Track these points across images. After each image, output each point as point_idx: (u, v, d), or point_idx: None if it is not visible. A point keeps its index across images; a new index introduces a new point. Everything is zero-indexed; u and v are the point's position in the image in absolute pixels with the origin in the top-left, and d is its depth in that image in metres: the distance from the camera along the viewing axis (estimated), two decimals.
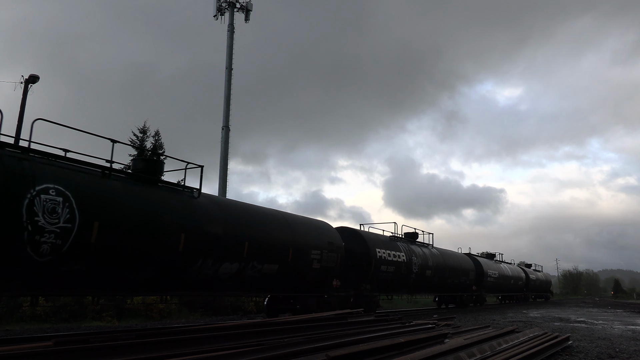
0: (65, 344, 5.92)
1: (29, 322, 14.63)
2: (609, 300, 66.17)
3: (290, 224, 13.67)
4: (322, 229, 15.23)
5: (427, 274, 21.65)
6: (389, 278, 18.55)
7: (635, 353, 9.22)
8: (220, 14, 29.67)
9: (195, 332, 7.77)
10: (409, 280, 20.23)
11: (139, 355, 5.72)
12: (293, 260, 12.99)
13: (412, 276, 20.33)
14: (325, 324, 9.33)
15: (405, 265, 19.63)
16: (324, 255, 14.18)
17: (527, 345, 8.59)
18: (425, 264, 21.49)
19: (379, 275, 17.91)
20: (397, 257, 19.12)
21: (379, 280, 17.99)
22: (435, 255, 23.55)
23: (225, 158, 26.44)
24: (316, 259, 13.87)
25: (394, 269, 18.72)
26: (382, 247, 18.39)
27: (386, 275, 18.34)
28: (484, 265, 30.43)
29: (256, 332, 7.69)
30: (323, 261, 14.12)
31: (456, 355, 6.83)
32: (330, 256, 14.50)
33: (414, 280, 20.61)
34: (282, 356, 5.91)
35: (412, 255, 20.48)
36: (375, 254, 17.65)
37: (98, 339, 6.46)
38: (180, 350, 6.06)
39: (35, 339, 9.25)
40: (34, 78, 19.12)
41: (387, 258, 18.35)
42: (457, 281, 26.03)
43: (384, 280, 18.38)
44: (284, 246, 12.83)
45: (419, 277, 20.94)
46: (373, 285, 17.47)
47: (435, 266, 22.65)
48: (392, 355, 6.69)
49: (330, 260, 14.49)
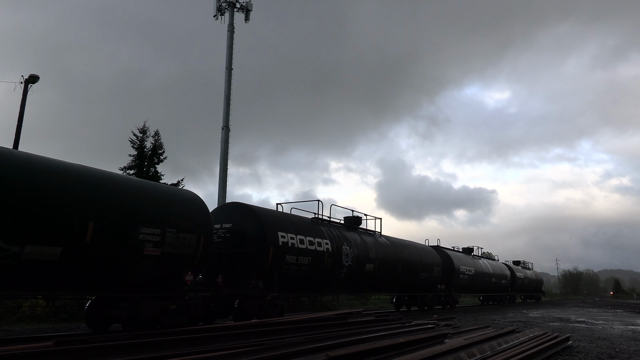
0: (65, 344, 5.92)
1: (29, 322, 14.63)
2: (609, 300, 66.19)
3: (95, 181, 8.98)
4: (172, 197, 10.67)
5: (367, 268, 17.27)
6: (300, 273, 14.18)
7: (636, 353, 9.22)
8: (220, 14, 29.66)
9: (195, 332, 7.77)
10: (337, 277, 15.86)
11: (139, 355, 5.72)
12: (95, 239, 8.49)
13: (343, 271, 15.99)
14: (325, 324, 9.33)
15: (329, 256, 15.22)
16: (168, 236, 9.79)
17: (527, 345, 8.59)
18: (364, 255, 17.08)
19: (283, 268, 13.51)
20: (316, 244, 14.76)
21: (284, 275, 13.62)
22: (383, 245, 18.91)
23: (225, 158, 26.43)
24: (151, 241, 9.47)
25: (309, 261, 14.33)
26: (290, 231, 13.90)
27: (296, 270, 13.96)
28: (455, 260, 25.91)
29: (256, 332, 7.69)
30: (167, 245, 9.76)
31: (456, 355, 6.83)
32: (184, 238, 10.16)
33: (345, 276, 16.19)
34: (282, 356, 5.91)
35: (344, 244, 16.11)
36: (277, 238, 13.27)
37: (98, 339, 6.46)
38: (180, 350, 6.07)
39: (35, 339, 9.26)
40: (33, 78, 19.12)
41: (297, 245, 13.94)
42: (416, 278, 21.32)
43: (293, 276, 13.99)
44: (70, 214, 8.19)
45: (354, 273, 16.51)
46: (269, 283, 13.00)
47: (381, 259, 18.15)
48: (392, 355, 6.69)
49: (184, 245, 10.17)
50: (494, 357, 7.28)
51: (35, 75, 19.17)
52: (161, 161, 26.96)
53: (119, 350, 5.84)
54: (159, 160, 26.83)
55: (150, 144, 26.84)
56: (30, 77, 19.08)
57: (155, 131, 27.37)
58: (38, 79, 19.26)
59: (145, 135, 26.85)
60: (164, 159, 27.08)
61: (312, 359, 5.90)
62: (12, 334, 11.40)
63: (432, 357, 6.53)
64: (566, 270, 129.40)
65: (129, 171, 25.69)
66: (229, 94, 27.29)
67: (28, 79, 19.05)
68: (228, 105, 27.13)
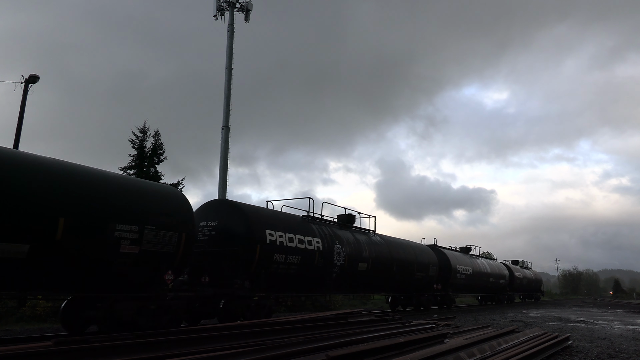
0: (65, 344, 5.92)
1: (29, 322, 14.63)
2: (608, 300, 66.21)
3: (67, 175, 8.46)
4: (152, 192, 10.18)
5: (360, 267, 16.81)
6: (290, 272, 13.60)
7: (635, 353, 9.22)
8: (220, 14, 29.67)
9: (195, 332, 7.78)
10: (328, 276, 15.35)
11: (139, 355, 5.72)
12: (67, 236, 8.00)
13: (335, 270, 15.47)
14: (325, 324, 9.34)
15: (320, 255, 14.69)
16: (146, 234, 9.34)
17: (527, 345, 8.59)
18: (357, 254, 16.62)
19: (271, 267, 12.97)
20: (306, 243, 14.22)
21: (272, 275, 13.08)
22: (377, 244, 18.42)
23: (225, 158, 26.42)
24: (128, 238, 9.01)
25: (299, 260, 13.80)
26: (279, 229, 13.39)
27: (285, 269, 13.41)
28: (452, 260, 25.35)
29: (256, 332, 7.70)
30: (146, 243, 9.35)
31: (456, 355, 6.83)
32: (164, 235, 9.72)
33: (337, 276, 15.67)
34: (282, 356, 5.92)
35: (336, 242, 15.64)
36: (264, 236, 12.76)
37: (98, 339, 6.47)
38: (180, 350, 6.07)
39: (35, 339, 9.26)
40: (34, 78, 19.13)
41: (286, 244, 13.42)
42: (411, 278, 20.84)
43: (281, 276, 13.45)
44: (38, 209, 7.71)
45: (346, 272, 15.97)
46: (256, 282, 12.53)
47: (375, 258, 17.65)
48: (392, 355, 6.69)
49: (164, 242, 9.71)
50: (494, 357, 7.28)
51: (36, 75, 19.18)
52: (161, 161, 26.99)
53: (119, 350, 5.85)
54: (159, 160, 26.86)
55: (151, 144, 26.87)
56: (30, 77, 19.09)
57: (156, 131, 27.41)
58: (38, 79, 19.26)
59: (145, 135, 26.88)
60: (164, 159, 27.12)
61: (312, 359, 5.91)
62: (12, 334, 11.40)
63: (432, 357, 6.53)
64: (566, 270, 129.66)
65: (129, 171, 25.71)
66: (229, 94, 27.29)
67: (28, 79, 19.06)
68: (228, 105, 27.12)
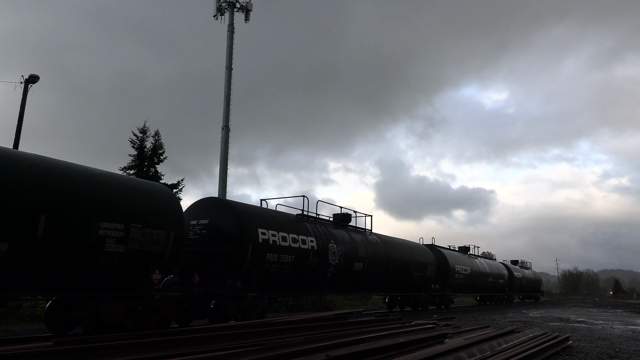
0: (65, 344, 5.92)
1: (29, 322, 14.63)
2: (609, 300, 66.21)
3: (49, 171, 8.15)
4: (138, 190, 9.79)
5: (356, 267, 16.50)
6: (283, 272, 13.34)
7: (635, 353, 9.22)
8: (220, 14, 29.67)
9: (195, 332, 7.78)
10: (323, 276, 15.06)
11: (139, 355, 5.72)
12: (48, 234, 7.72)
13: (330, 269, 15.15)
14: (325, 324, 9.34)
15: (315, 254, 14.42)
16: (133, 232, 9.03)
17: (527, 345, 8.59)
18: (353, 254, 16.32)
19: (263, 267, 12.66)
20: (300, 242, 13.94)
21: (265, 274, 12.78)
22: (373, 243, 18.11)
23: (225, 158, 26.42)
24: (114, 236, 8.69)
25: (292, 259, 13.52)
26: (272, 228, 13.12)
27: (278, 268, 13.12)
28: (450, 259, 25.05)
29: (256, 332, 7.70)
30: (132, 241, 9.03)
31: (456, 355, 6.83)
32: (151, 234, 9.46)
33: (332, 276, 15.36)
34: (282, 356, 5.92)
35: (331, 242, 15.36)
36: (256, 235, 12.47)
37: (98, 339, 6.47)
38: (180, 350, 6.07)
39: (35, 339, 9.26)
40: (33, 78, 19.13)
41: (279, 243, 13.14)
42: (408, 278, 20.47)
43: (274, 275, 13.15)
44: (18, 206, 7.43)
45: (341, 272, 15.67)
46: (248, 282, 12.23)
47: (371, 257, 17.36)
48: (392, 355, 6.69)
49: (152, 241, 9.43)
50: (494, 357, 7.29)
51: (35, 75, 19.18)
52: (161, 161, 27.01)
53: (119, 350, 5.85)
54: (159, 160, 26.87)
55: (151, 144, 26.89)
56: (30, 77, 19.09)
57: (156, 131, 27.43)
58: (38, 79, 19.26)
59: (145, 136, 26.90)
60: (164, 159, 27.14)
61: (312, 359, 5.90)
62: (12, 334, 11.40)
63: (432, 357, 6.53)
64: (566, 270, 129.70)
65: (129, 171, 25.72)
66: (229, 94, 27.29)
67: (28, 79, 19.06)
68: (228, 105, 27.13)
